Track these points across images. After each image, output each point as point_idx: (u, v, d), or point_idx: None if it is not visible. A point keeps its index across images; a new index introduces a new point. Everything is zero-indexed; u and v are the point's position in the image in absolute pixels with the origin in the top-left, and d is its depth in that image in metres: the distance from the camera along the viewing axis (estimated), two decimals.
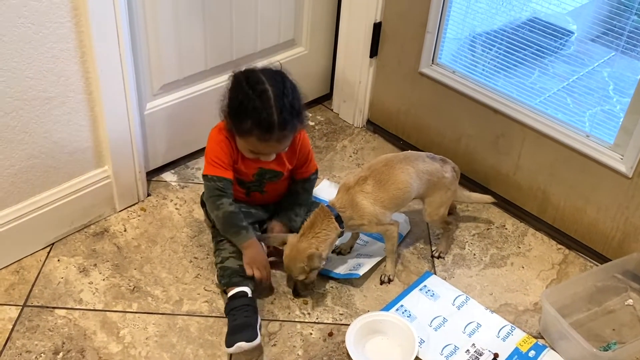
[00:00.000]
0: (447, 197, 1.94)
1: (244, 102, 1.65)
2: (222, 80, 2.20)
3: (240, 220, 1.78)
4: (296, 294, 1.82)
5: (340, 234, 1.78)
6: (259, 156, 1.75)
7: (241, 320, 1.66)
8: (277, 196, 1.95)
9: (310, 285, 1.82)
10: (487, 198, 2.10)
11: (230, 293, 1.72)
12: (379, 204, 1.79)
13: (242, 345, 1.61)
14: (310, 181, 1.96)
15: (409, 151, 1.95)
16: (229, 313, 1.69)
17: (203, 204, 1.98)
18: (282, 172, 1.86)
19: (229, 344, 1.63)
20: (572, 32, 2.16)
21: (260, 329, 1.70)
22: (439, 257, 2.01)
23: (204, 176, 1.80)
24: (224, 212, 1.77)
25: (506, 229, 2.13)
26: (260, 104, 1.63)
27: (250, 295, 1.72)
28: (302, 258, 1.71)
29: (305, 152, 1.89)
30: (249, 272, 1.74)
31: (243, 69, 1.71)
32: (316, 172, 1.97)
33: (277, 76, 1.68)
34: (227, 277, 1.74)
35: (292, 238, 1.76)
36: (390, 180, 1.80)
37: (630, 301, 1.90)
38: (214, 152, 1.78)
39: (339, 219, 1.74)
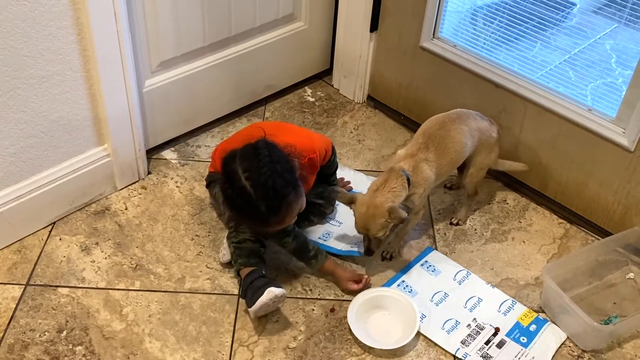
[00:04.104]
0: (490, 159, 1.95)
1: (232, 202, 1.62)
2: (221, 57, 2.20)
3: (306, 251, 1.78)
4: (370, 252, 1.77)
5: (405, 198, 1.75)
6: None
7: (262, 282, 1.65)
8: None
9: (383, 241, 1.78)
10: (522, 166, 2.07)
11: (246, 272, 1.71)
12: (437, 171, 1.79)
13: (272, 289, 1.62)
14: (331, 163, 1.95)
15: (459, 109, 1.92)
16: (250, 284, 1.66)
17: (208, 185, 1.97)
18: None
19: (255, 299, 1.62)
20: (575, 4, 2.14)
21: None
22: (457, 224, 2.02)
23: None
24: (289, 250, 1.80)
25: (507, 203, 2.13)
26: (244, 202, 1.58)
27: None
28: (381, 213, 1.68)
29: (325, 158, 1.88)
30: (352, 287, 1.76)
31: (224, 158, 1.63)
32: (333, 152, 1.94)
33: (253, 160, 1.58)
34: (245, 257, 1.73)
35: (362, 197, 1.72)
36: (449, 144, 1.79)
37: (631, 275, 1.90)
38: None
39: (408, 181, 1.72)
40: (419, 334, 1.71)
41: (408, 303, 1.73)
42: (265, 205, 1.57)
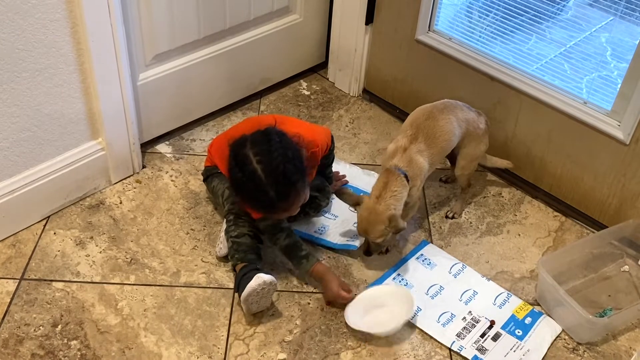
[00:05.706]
0: (480, 150, 1.95)
1: (240, 186, 1.61)
2: (216, 50, 2.19)
3: (297, 250, 1.76)
4: (368, 253, 1.78)
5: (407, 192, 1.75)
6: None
7: (254, 273, 1.65)
8: None
9: (382, 245, 1.78)
10: (507, 163, 2.08)
11: (241, 266, 1.71)
12: (430, 161, 1.79)
13: (261, 275, 1.61)
14: (329, 154, 1.94)
15: (446, 100, 1.92)
16: (243, 276, 1.66)
17: (205, 179, 1.96)
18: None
19: (244, 286, 1.61)
20: None
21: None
22: (452, 217, 2.02)
23: (256, 219, 1.77)
24: (280, 247, 1.77)
25: (502, 197, 2.13)
26: (254, 186, 1.57)
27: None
28: (382, 220, 1.69)
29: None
30: (342, 294, 1.70)
31: (233, 143, 1.62)
32: (333, 142, 1.93)
33: (264, 144, 1.58)
34: (243, 253, 1.73)
35: (366, 201, 1.73)
36: (437, 133, 1.80)
37: (626, 267, 1.91)
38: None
39: (406, 178, 1.73)
40: (414, 327, 1.71)
41: (405, 291, 1.73)
42: (275, 190, 1.57)
